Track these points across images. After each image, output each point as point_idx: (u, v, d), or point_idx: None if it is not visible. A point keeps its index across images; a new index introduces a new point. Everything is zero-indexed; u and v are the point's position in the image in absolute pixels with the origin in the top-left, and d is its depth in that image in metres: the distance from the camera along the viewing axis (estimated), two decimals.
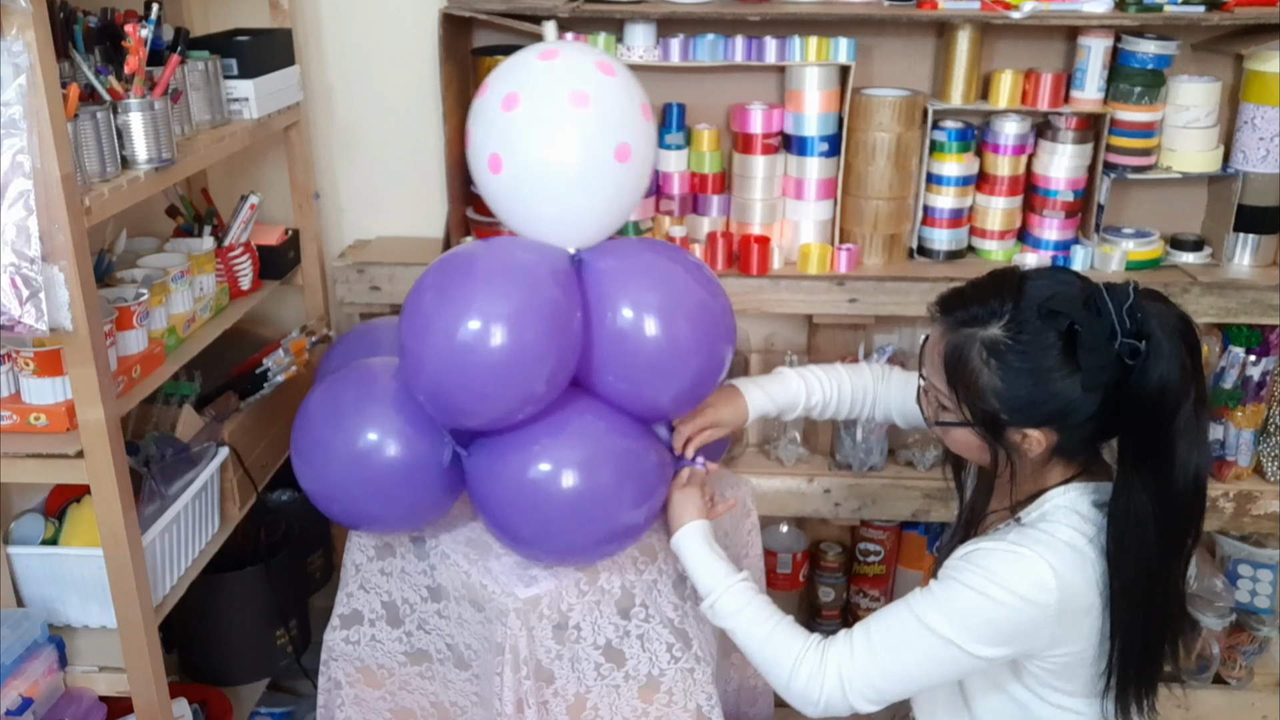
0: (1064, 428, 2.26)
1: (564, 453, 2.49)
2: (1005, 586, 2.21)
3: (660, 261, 2.58)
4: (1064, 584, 2.20)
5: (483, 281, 2.39)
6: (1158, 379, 2.16)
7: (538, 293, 2.39)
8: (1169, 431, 2.19)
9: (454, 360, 2.35)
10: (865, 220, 3.59)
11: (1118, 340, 2.16)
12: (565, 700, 2.65)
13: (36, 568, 2.76)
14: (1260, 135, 3.49)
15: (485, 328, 2.32)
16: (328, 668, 2.89)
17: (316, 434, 2.64)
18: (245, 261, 3.29)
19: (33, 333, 2.27)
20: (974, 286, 2.34)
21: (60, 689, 2.73)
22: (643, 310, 2.46)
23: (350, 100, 3.77)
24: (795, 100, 3.52)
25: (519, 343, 2.33)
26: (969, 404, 2.30)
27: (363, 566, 2.83)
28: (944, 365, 2.31)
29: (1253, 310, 3.50)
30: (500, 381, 2.37)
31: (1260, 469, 3.73)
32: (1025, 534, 2.27)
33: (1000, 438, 2.31)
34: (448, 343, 2.34)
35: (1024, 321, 2.21)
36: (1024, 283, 2.27)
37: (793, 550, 4.04)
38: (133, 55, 2.58)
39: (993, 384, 2.24)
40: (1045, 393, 2.21)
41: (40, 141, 2.19)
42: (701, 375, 2.57)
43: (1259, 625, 3.93)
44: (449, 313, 2.35)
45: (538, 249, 2.51)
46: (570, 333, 2.44)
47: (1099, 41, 3.44)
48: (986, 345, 2.23)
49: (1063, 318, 2.18)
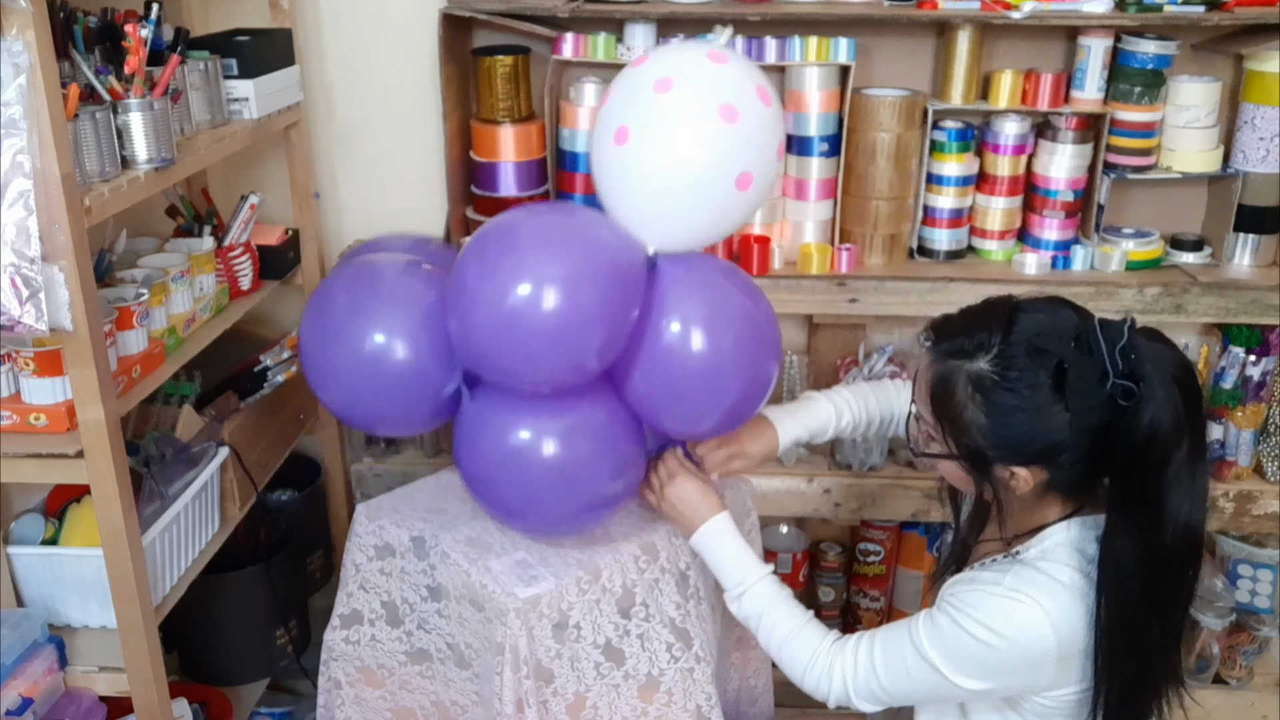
0: (1052, 466, 2.22)
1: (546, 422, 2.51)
2: (1000, 633, 2.19)
3: (727, 285, 2.58)
4: (1061, 630, 2.18)
5: (545, 247, 2.39)
6: (1147, 423, 2.10)
7: (602, 264, 2.39)
8: (1158, 480, 2.14)
9: (506, 320, 2.34)
10: (865, 220, 3.59)
11: (1109, 381, 2.10)
12: (565, 699, 2.65)
13: (36, 568, 2.76)
14: (1260, 135, 3.49)
15: (538, 291, 2.30)
16: (328, 667, 2.89)
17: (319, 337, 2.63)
18: (245, 261, 3.29)
19: (33, 333, 2.27)
20: (964, 315, 2.31)
21: (60, 689, 2.73)
22: (693, 326, 2.46)
23: (350, 100, 3.77)
24: (795, 100, 3.51)
25: (574, 306, 2.32)
26: (954, 438, 2.27)
27: (362, 566, 2.83)
28: (930, 396, 2.28)
29: (1253, 310, 3.50)
30: (550, 345, 2.35)
31: (1260, 469, 3.73)
32: (1023, 576, 2.23)
33: (987, 474, 2.28)
34: (501, 302, 2.32)
35: (1012, 357, 2.16)
36: (1016, 314, 2.21)
37: (793, 550, 4.04)
38: (133, 55, 2.58)
39: (978, 420, 2.20)
40: (1032, 431, 2.17)
41: (40, 141, 2.19)
42: (735, 407, 2.59)
43: (1259, 625, 3.93)
44: (505, 273, 2.33)
45: (620, 233, 2.52)
46: (626, 316, 2.43)
47: (1099, 41, 3.44)
48: (972, 380, 2.19)
49: (1051, 356, 2.13)
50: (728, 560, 2.60)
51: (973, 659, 2.23)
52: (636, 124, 2.46)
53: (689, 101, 2.43)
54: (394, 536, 2.77)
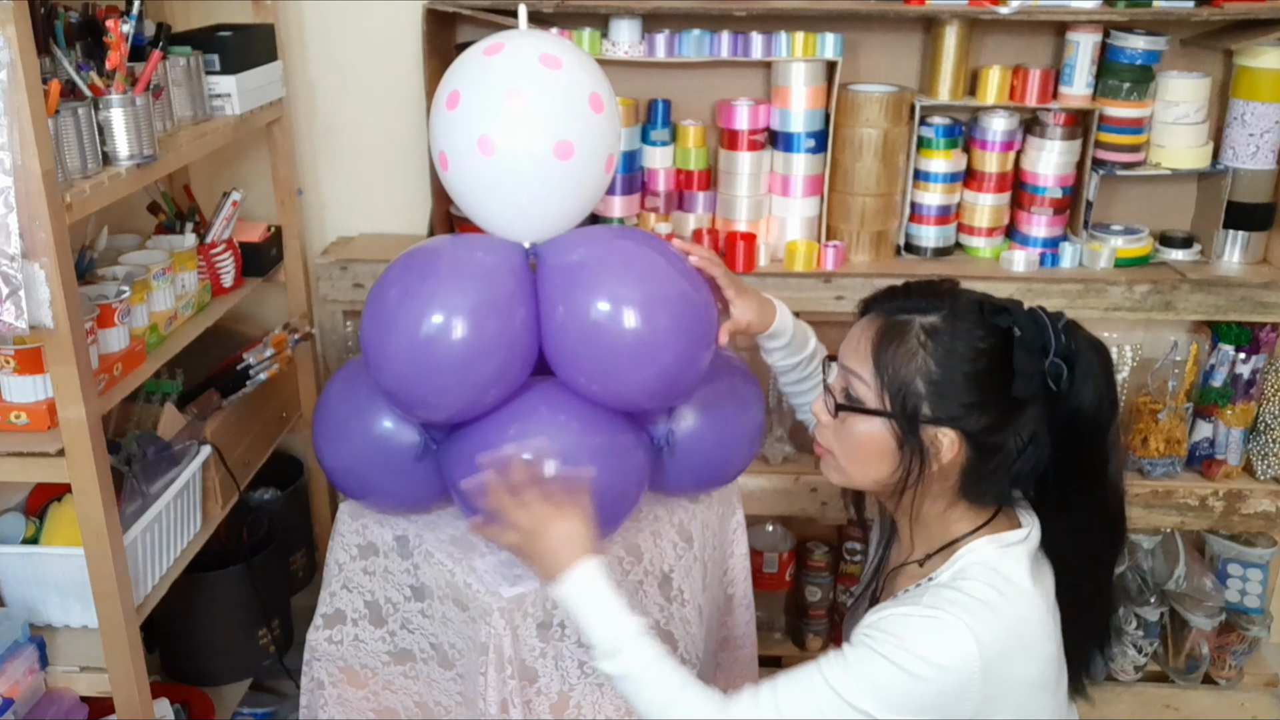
0: (980, 446, 2.19)
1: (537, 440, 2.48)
2: (923, 657, 2.09)
3: (623, 250, 2.53)
4: (987, 648, 2.10)
5: (440, 279, 2.39)
6: (1092, 398, 2.15)
7: (485, 289, 2.38)
8: (1101, 450, 2.21)
9: (414, 355, 2.36)
10: (852, 217, 3.58)
11: (1048, 358, 2.13)
12: (549, 699, 2.64)
13: (17, 567, 2.75)
14: (1250, 131, 3.49)
15: (445, 322, 2.33)
16: (310, 667, 2.87)
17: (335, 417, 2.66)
18: (227, 259, 3.27)
19: (13, 331, 2.25)
20: (916, 281, 2.31)
21: (41, 689, 2.71)
22: (599, 300, 2.40)
23: (333, 96, 3.76)
24: (782, 96, 3.51)
25: (469, 337, 2.34)
26: (891, 390, 2.21)
27: (345, 566, 2.81)
28: (874, 347, 2.23)
29: (1242, 308, 3.49)
30: (457, 375, 2.37)
31: (1250, 468, 3.73)
32: (940, 595, 2.17)
33: (914, 434, 2.21)
34: (408, 339, 2.35)
35: (964, 314, 2.18)
36: (959, 289, 2.27)
37: (779, 550, 4.03)
38: (114, 51, 2.56)
39: (925, 367, 2.17)
40: (974, 385, 2.16)
41: (21, 138, 2.17)
42: (674, 365, 2.49)
43: (1249, 625, 3.92)
44: (410, 309, 2.36)
45: (492, 245, 2.50)
46: (514, 327, 2.42)
47: (1088, 37, 3.43)
48: (925, 329, 2.18)
49: (1005, 316, 2.16)
50: (601, 615, 2.30)
51: (895, 687, 2.12)
52: (448, 148, 2.46)
53: (475, 103, 2.40)
54: (377, 535, 2.75)
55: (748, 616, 3.19)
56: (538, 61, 2.40)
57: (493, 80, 2.39)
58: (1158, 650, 3.99)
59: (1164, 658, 3.99)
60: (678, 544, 2.77)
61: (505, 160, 2.37)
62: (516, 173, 2.39)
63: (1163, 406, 3.59)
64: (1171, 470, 3.68)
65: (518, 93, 2.37)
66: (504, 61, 2.41)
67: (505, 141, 2.36)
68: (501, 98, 2.37)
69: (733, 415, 2.77)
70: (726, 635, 3.15)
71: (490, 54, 2.43)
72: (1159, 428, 3.61)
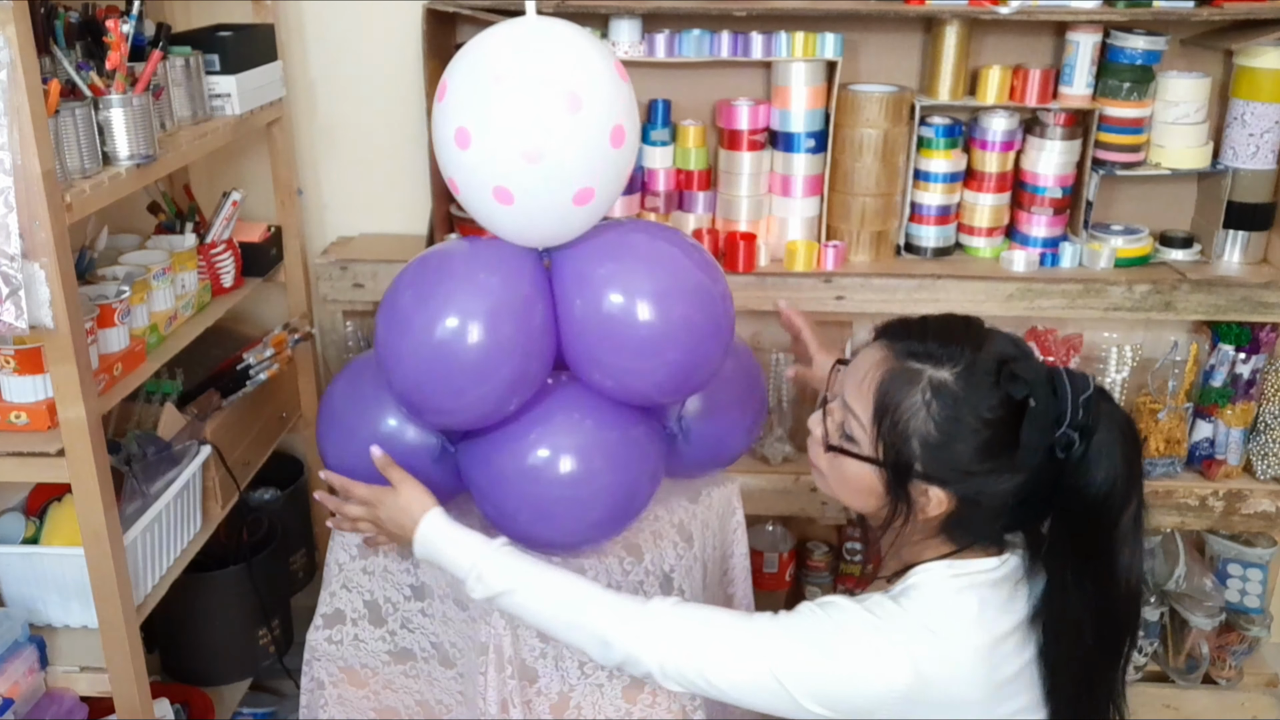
0: (970, 500, 2.13)
1: (556, 439, 2.49)
2: (852, 657, 2.08)
3: (636, 244, 2.53)
4: (921, 673, 2.05)
5: (456, 281, 2.40)
6: (1104, 479, 2.06)
7: (501, 291, 2.39)
8: (1110, 537, 2.10)
9: (430, 361, 2.37)
10: (852, 217, 3.58)
11: (1060, 429, 2.05)
12: (549, 699, 2.64)
13: (17, 567, 2.75)
14: (1250, 131, 3.49)
15: (460, 326, 2.34)
16: (310, 667, 2.87)
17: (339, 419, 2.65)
18: (227, 259, 3.27)
19: (13, 331, 2.25)
20: (935, 321, 2.21)
21: (41, 689, 2.71)
22: (615, 295, 2.41)
23: (333, 96, 3.76)
24: (782, 96, 3.51)
25: (484, 342, 2.34)
26: (887, 441, 2.14)
27: (345, 565, 2.81)
28: (875, 393, 2.14)
29: (1242, 308, 3.49)
30: (472, 380, 2.37)
31: (1250, 467, 3.73)
32: (884, 605, 2.13)
33: (901, 487, 2.15)
34: (424, 344, 2.35)
35: (979, 374, 2.07)
36: (986, 336, 2.15)
37: (779, 549, 4.03)
38: (114, 51, 2.56)
39: (924, 428, 2.09)
40: (974, 454, 2.08)
41: (21, 138, 2.17)
42: (692, 357, 2.49)
43: (1249, 625, 3.92)
44: (426, 313, 2.36)
45: (506, 247, 2.48)
46: (533, 330, 2.42)
47: (1087, 37, 3.43)
48: (934, 386, 2.09)
49: (1022, 385, 2.05)
50: (457, 549, 2.37)
51: (821, 676, 2.09)
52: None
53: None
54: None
55: None
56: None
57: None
58: (1158, 650, 3.99)
59: (1164, 658, 3.99)
60: (678, 544, 2.77)
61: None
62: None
63: (1163, 406, 3.59)
64: (1171, 470, 3.68)
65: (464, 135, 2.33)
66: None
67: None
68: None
69: (741, 396, 2.78)
70: None
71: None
72: (1159, 428, 3.61)
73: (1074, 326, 3.62)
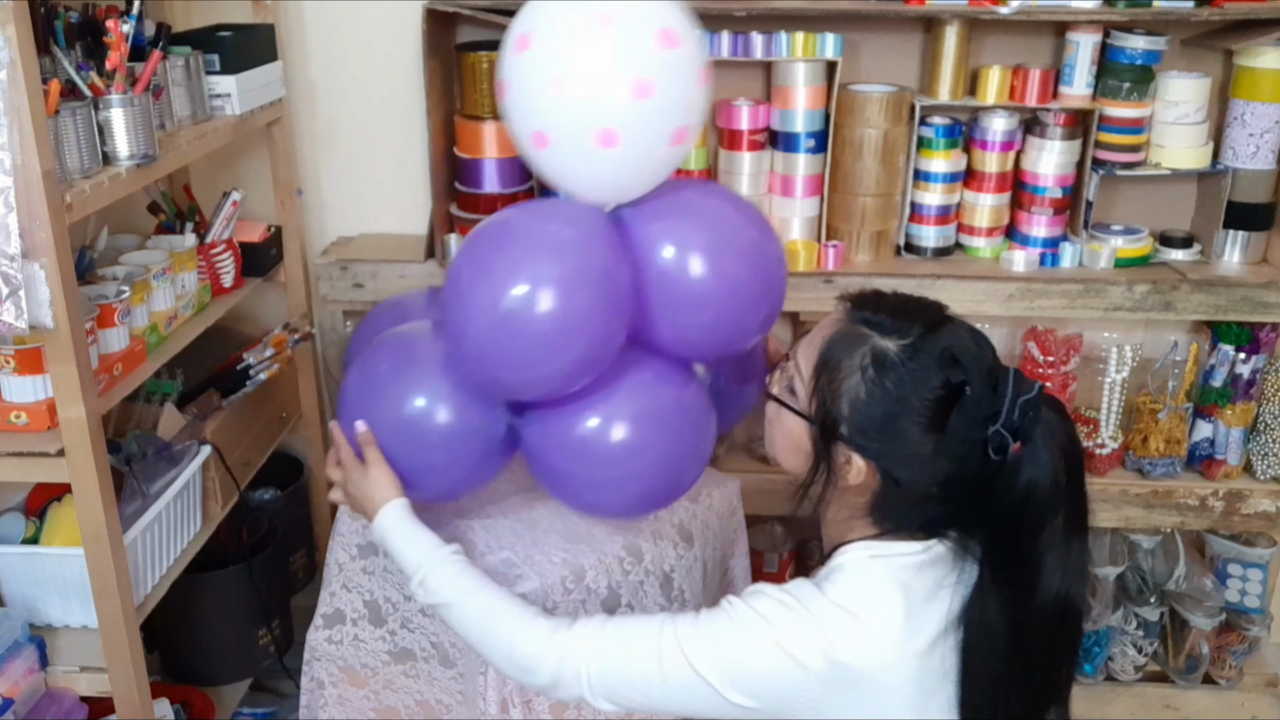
0: (891, 478, 2.15)
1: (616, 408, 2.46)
2: (771, 636, 2.07)
3: (695, 199, 2.55)
4: (834, 652, 2.05)
5: (521, 250, 2.31)
6: (1025, 483, 2.06)
7: (581, 259, 2.33)
8: (1032, 544, 2.09)
9: (498, 331, 2.28)
10: (852, 217, 3.58)
11: (993, 427, 2.04)
12: (549, 699, 2.63)
13: (17, 567, 2.75)
14: (1250, 131, 3.49)
15: (530, 295, 2.24)
16: (310, 667, 2.87)
17: (358, 412, 2.57)
18: (227, 258, 3.27)
19: (13, 331, 2.26)
20: (898, 297, 2.24)
21: (41, 689, 2.72)
22: (686, 250, 2.41)
23: (333, 96, 3.76)
24: (782, 96, 3.50)
25: (565, 310, 2.26)
26: (819, 400, 2.18)
27: (345, 565, 2.81)
28: (820, 350, 2.20)
29: (1242, 308, 3.49)
30: (547, 351, 2.30)
31: (1250, 467, 3.73)
32: (803, 588, 2.15)
33: (827, 449, 2.19)
34: (491, 315, 2.26)
35: (922, 352, 2.10)
36: (946, 320, 2.17)
37: (779, 550, 4.03)
38: (114, 51, 2.56)
39: (855, 392, 2.12)
40: (896, 430, 2.10)
41: (21, 138, 2.18)
42: (747, 312, 2.52)
43: (1249, 625, 3.92)
44: (489, 284, 2.27)
45: (576, 210, 2.42)
46: (618, 296, 2.37)
47: (1088, 37, 3.43)
48: (874, 354, 2.12)
49: (960, 370, 2.07)
50: (408, 545, 2.43)
51: (737, 661, 2.09)
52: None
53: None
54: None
55: None
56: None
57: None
58: (1158, 650, 3.99)
59: (1164, 658, 3.99)
60: (678, 544, 2.77)
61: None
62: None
63: (1163, 406, 3.59)
64: (1171, 470, 3.68)
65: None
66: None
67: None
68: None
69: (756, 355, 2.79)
70: None
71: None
72: (1159, 428, 3.61)
73: (1074, 326, 3.62)
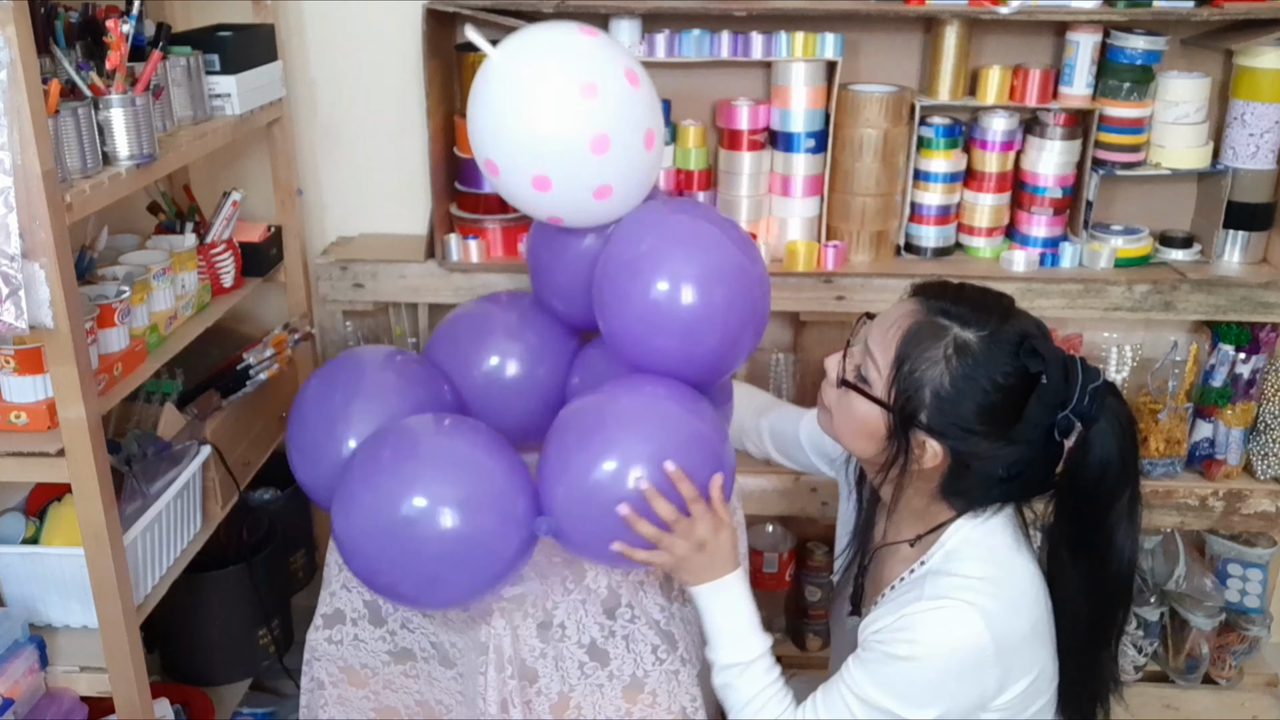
0: (962, 462, 2.26)
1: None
2: (935, 646, 2.20)
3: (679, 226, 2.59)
4: (994, 623, 2.18)
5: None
6: (1099, 462, 2.19)
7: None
8: (1106, 517, 2.23)
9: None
10: (852, 217, 3.58)
11: (1064, 411, 2.18)
12: (549, 699, 2.64)
13: (17, 567, 2.75)
14: (1250, 131, 3.49)
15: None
16: (310, 667, 2.87)
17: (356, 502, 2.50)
18: (227, 259, 3.27)
19: (13, 331, 2.25)
20: (973, 289, 2.33)
21: (41, 689, 2.71)
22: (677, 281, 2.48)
23: (333, 96, 3.75)
24: (782, 96, 3.50)
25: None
26: (901, 387, 2.26)
27: (345, 565, 2.81)
28: (901, 339, 2.27)
29: (1242, 308, 3.49)
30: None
31: (1250, 467, 3.73)
32: (939, 584, 2.25)
33: (904, 433, 2.28)
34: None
35: (1003, 342, 2.20)
36: (1015, 312, 2.27)
37: (779, 550, 4.03)
38: (114, 51, 2.56)
39: (938, 380, 2.21)
40: (978, 414, 2.20)
41: (21, 137, 2.17)
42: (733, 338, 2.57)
43: (1249, 625, 3.92)
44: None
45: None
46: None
47: (1088, 37, 3.43)
48: (958, 344, 2.21)
49: (1039, 360, 2.18)
50: (742, 623, 2.48)
51: (916, 684, 2.22)
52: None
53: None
54: None
55: None
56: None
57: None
58: (1158, 650, 3.98)
59: (1164, 658, 3.99)
60: None
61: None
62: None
63: (1163, 406, 3.59)
64: (1171, 470, 3.68)
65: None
66: None
67: None
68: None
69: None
70: None
71: None
72: (1159, 428, 3.61)
73: (1074, 326, 3.63)
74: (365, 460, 2.45)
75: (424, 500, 2.35)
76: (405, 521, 2.35)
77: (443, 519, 2.35)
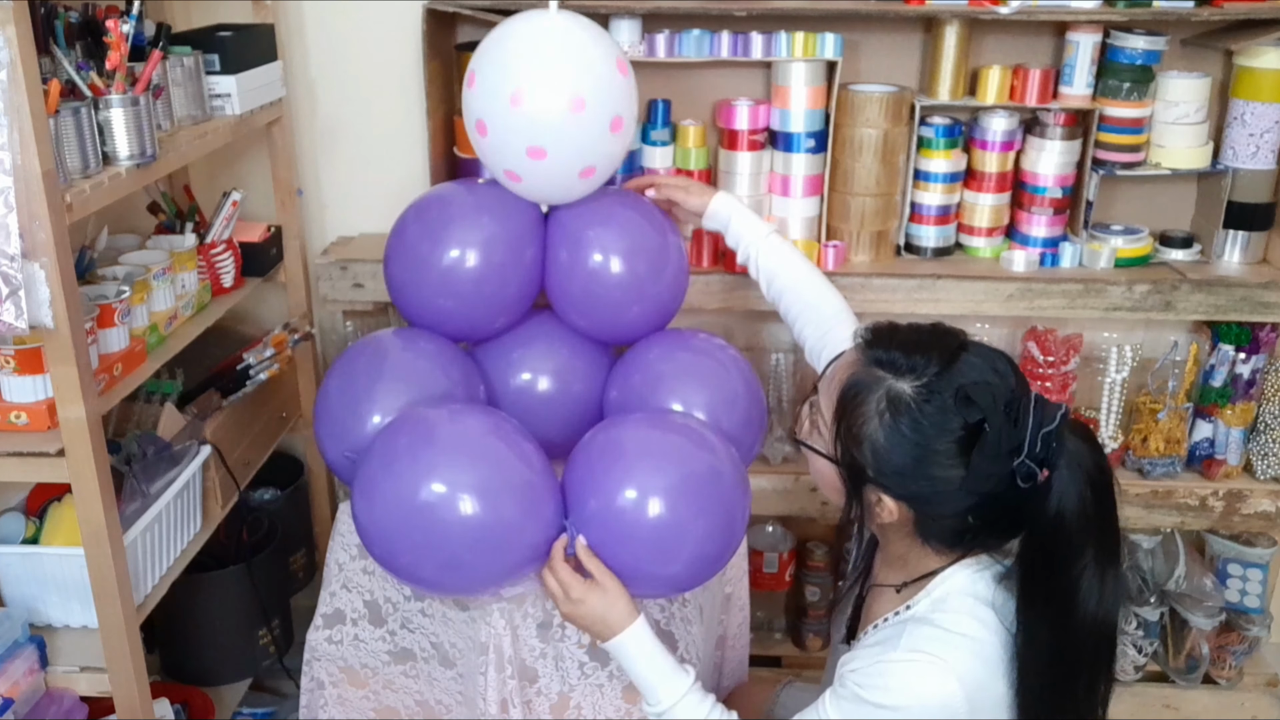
0: (924, 515, 2.20)
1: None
2: (907, 702, 2.13)
3: (614, 208, 2.88)
4: (968, 683, 2.11)
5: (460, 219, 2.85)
6: (1054, 512, 2.08)
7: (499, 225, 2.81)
8: (1067, 572, 2.11)
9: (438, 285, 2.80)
10: (852, 217, 3.58)
11: (1018, 458, 2.06)
12: (549, 699, 2.64)
13: (17, 567, 2.75)
14: (1250, 131, 3.49)
15: (462, 254, 2.78)
16: (310, 667, 2.87)
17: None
18: (227, 258, 3.27)
19: (13, 331, 2.25)
20: (911, 331, 2.25)
21: (41, 689, 2.71)
22: (596, 251, 2.81)
23: (333, 96, 3.75)
24: (782, 96, 3.50)
25: (488, 264, 2.78)
26: (844, 443, 2.21)
27: (345, 565, 2.81)
28: (839, 395, 2.22)
29: (1242, 308, 3.48)
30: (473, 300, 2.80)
31: (1250, 467, 3.73)
32: (918, 634, 2.18)
33: (857, 491, 2.22)
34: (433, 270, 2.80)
35: (938, 393, 2.11)
36: (960, 354, 2.16)
37: (779, 550, 4.03)
38: (114, 51, 2.56)
39: (874, 437, 2.14)
40: (920, 472, 2.13)
41: (21, 138, 2.17)
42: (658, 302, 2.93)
43: (1249, 625, 3.92)
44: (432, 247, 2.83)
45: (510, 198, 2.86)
46: (525, 263, 2.84)
47: (1087, 37, 3.43)
48: (890, 398, 2.13)
49: (975, 410, 2.08)
50: (652, 671, 2.47)
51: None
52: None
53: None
54: None
55: (742, 617, 3.22)
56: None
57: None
58: (1158, 650, 3.98)
59: (1164, 658, 3.99)
60: None
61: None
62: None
63: (1163, 406, 3.59)
64: (1171, 470, 3.68)
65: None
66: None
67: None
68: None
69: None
70: (722, 634, 3.16)
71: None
72: (1159, 428, 3.61)
73: (1074, 326, 3.62)
74: (389, 445, 2.47)
75: (445, 486, 2.37)
76: (427, 506, 2.37)
77: (464, 505, 2.36)
